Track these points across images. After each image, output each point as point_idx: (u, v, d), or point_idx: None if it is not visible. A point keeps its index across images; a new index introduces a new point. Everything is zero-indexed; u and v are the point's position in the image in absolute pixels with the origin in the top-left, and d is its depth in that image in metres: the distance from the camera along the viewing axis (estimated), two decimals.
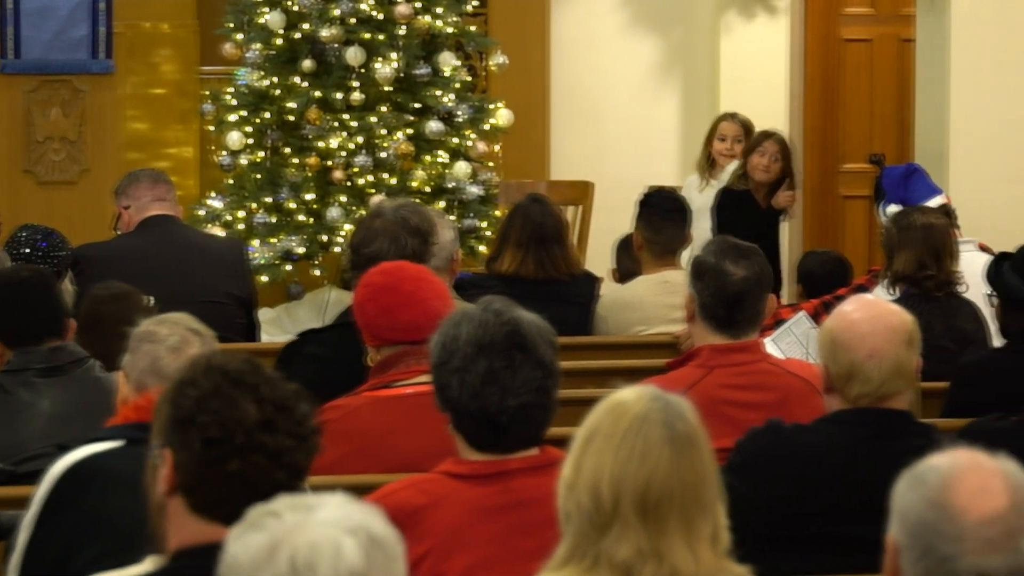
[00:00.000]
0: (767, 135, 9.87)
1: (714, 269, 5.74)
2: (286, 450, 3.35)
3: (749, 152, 9.79)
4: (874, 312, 5.06)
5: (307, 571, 2.73)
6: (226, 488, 3.31)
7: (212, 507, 3.36)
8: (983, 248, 7.90)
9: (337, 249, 9.85)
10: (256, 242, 9.79)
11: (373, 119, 9.48)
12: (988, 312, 6.87)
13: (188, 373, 3.45)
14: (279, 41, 9.57)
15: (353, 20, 9.39)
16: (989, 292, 6.62)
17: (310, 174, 9.63)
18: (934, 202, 8.39)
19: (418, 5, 9.52)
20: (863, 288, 7.47)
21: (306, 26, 9.43)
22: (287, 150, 9.67)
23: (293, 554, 2.77)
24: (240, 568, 2.77)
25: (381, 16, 9.51)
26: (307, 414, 3.45)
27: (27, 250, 8.14)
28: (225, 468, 3.30)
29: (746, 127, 10.58)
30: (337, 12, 9.32)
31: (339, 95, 9.44)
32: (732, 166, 10.12)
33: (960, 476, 3.08)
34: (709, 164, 10.40)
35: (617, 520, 3.48)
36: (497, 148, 10.53)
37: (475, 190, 9.88)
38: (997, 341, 6.80)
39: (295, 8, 9.48)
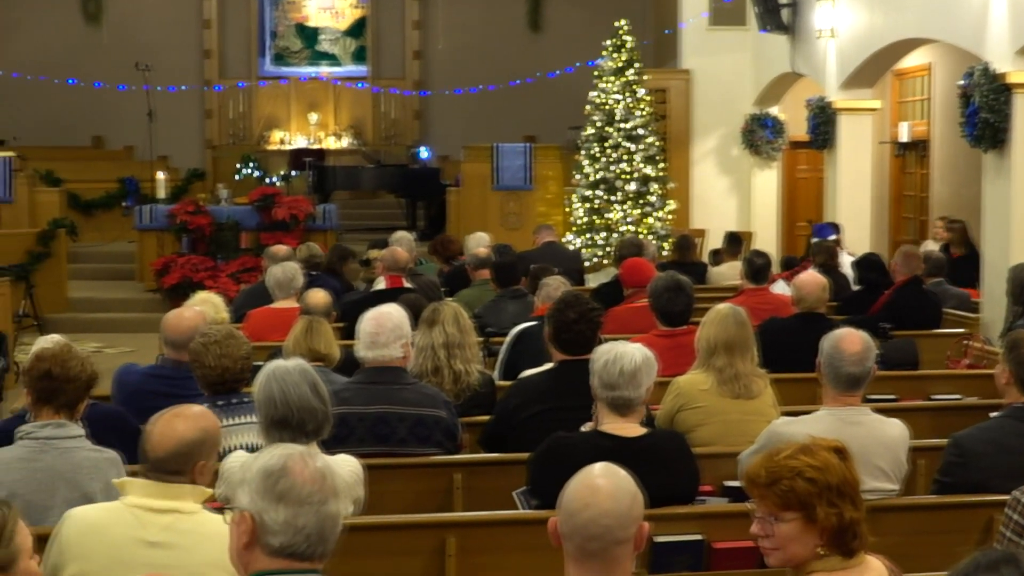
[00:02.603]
0: None
1: (747, 260, 8.99)
2: (595, 323, 5.73)
3: None
4: (814, 276, 7.92)
5: (619, 358, 4.71)
6: (574, 335, 5.66)
7: (568, 346, 5.71)
8: (850, 253, 11.79)
9: None
10: None
11: None
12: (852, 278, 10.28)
13: (564, 300, 5.86)
14: None
15: None
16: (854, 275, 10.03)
17: None
18: (832, 237, 12.30)
19: None
20: (805, 268, 10.50)
21: None
22: None
23: (621, 358, 4.72)
24: (599, 359, 4.77)
25: None
26: (599, 312, 5.88)
27: None
28: (573, 326, 5.65)
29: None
30: None
31: None
32: None
33: (844, 335, 5.09)
34: None
35: (716, 352, 5.92)
36: None
37: None
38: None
39: None
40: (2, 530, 3.14)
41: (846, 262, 11.35)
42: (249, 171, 23.36)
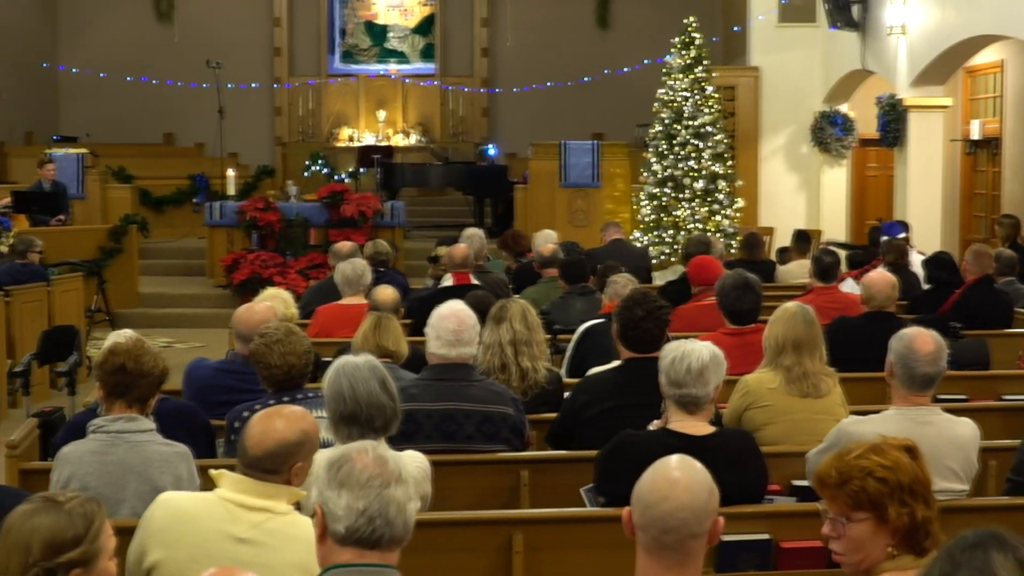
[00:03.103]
0: None
1: (816, 258, 8.88)
2: (663, 321, 5.70)
3: None
4: (883, 275, 7.77)
5: (686, 356, 4.70)
6: (642, 333, 5.62)
7: (635, 344, 5.65)
8: (920, 252, 11.48)
9: None
10: None
11: None
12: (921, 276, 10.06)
13: (632, 298, 5.73)
14: None
15: None
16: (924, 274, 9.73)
17: None
18: (902, 235, 12.05)
19: None
20: (874, 267, 10.41)
21: None
22: None
23: (688, 355, 4.71)
24: (667, 357, 4.77)
25: None
26: (666, 309, 5.79)
27: None
28: (641, 323, 5.58)
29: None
30: None
31: None
32: None
33: (916, 335, 4.99)
34: None
35: (784, 350, 5.81)
36: None
37: None
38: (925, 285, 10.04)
39: None
40: (89, 525, 3.16)
41: (916, 260, 11.19)
42: (318, 168, 23.51)
